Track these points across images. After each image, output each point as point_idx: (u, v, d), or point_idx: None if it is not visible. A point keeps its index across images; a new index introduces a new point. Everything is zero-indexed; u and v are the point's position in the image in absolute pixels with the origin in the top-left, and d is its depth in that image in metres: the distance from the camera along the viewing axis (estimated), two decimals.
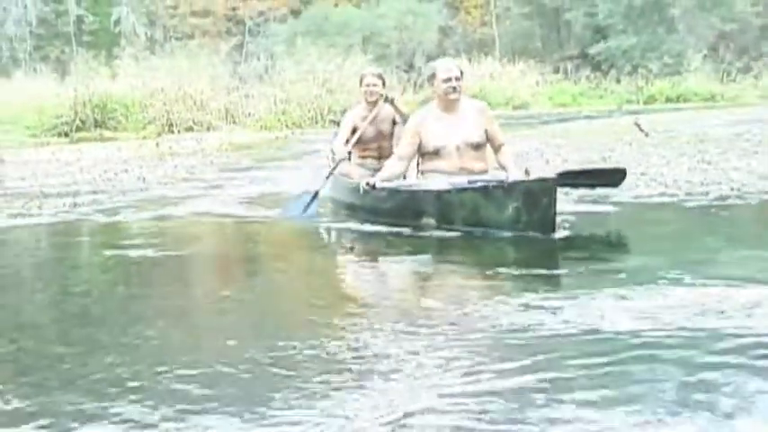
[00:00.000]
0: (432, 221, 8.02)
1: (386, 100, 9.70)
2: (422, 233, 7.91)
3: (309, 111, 27.47)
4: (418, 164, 8.69)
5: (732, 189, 9.85)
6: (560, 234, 7.33)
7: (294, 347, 4.39)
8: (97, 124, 26.70)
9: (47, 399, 3.75)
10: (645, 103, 37.90)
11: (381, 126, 9.81)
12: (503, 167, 8.40)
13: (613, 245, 7.59)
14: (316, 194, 9.51)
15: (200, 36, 50.31)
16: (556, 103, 39.40)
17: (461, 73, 8.51)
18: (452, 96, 8.32)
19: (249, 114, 27.61)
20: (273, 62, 34.54)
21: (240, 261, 7.96)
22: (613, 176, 8.43)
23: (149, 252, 7.99)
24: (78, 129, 26.33)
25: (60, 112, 26.69)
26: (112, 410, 3.56)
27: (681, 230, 8.23)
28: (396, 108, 9.73)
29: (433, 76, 8.45)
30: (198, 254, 8.36)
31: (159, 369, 4.09)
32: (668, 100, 38.89)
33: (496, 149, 8.49)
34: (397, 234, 7.97)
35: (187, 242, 8.80)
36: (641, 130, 19.04)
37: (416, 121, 8.52)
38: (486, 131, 8.40)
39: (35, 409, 3.61)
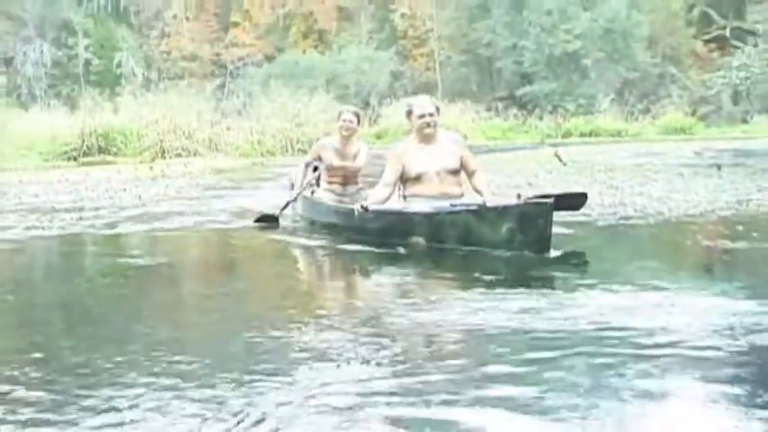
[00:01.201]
0: (421, 240, 7.59)
1: (315, 170, 9.81)
2: (402, 250, 7.55)
3: (281, 141, 27.46)
4: (400, 188, 8.50)
5: (635, 210, 9.90)
6: (554, 253, 6.88)
7: (255, 339, 4.48)
8: (101, 150, 26.51)
9: (53, 386, 3.72)
10: (563, 137, 38.11)
11: (348, 157, 9.76)
12: (477, 191, 8.11)
13: (532, 258, 7.49)
14: (287, 204, 9.82)
15: (189, 77, 50.25)
16: (489, 137, 39.44)
17: (437, 109, 8.23)
18: (427, 131, 8.07)
19: (229, 143, 27.51)
20: (250, 100, 34.59)
21: (220, 267, 7.91)
22: (577, 200, 8.30)
23: (143, 259, 8.01)
24: (85, 154, 26.14)
25: (69, 141, 26.50)
26: (109, 394, 3.55)
27: (594, 245, 8.22)
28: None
29: (410, 113, 8.20)
30: (185, 261, 8.34)
31: (149, 358, 4.10)
32: (582, 135, 39.15)
33: (470, 175, 8.20)
34: (372, 251, 7.67)
35: (176, 251, 8.73)
36: (560, 160, 19.11)
37: (399, 151, 8.27)
38: (460, 159, 8.13)
39: (42, 396, 3.58)
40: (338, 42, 56.55)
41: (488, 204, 7.41)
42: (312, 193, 9.78)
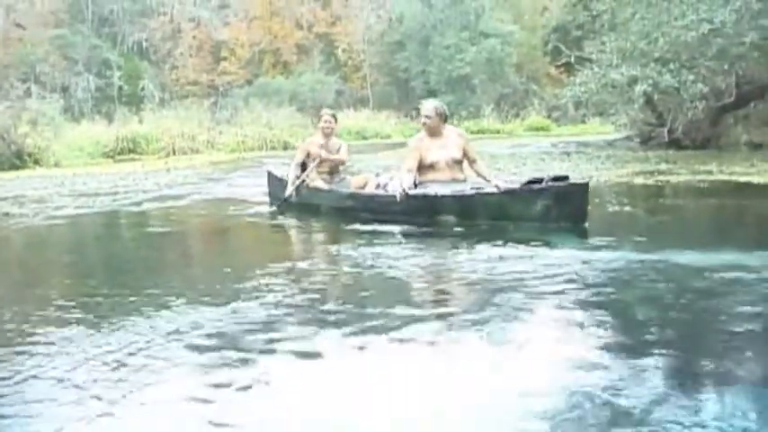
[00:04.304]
0: (451, 218, 6.61)
1: (303, 168, 8.61)
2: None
3: (258, 141, 27.15)
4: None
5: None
6: (587, 224, 6.11)
7: (236, 283, 4.41)
8: (130, 151, 26.25)
9: (95, 322, 3.68)
10: None
11: (332, 151, 8.93)
12: (482, 176, 7.26)
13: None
14: (286, 199, 8.49)
15: (192, 96, 49.51)
16: (407, 136, 38.46)
17: (439, 114, 7.31)
18: (424, 129, 7.30)
19: (221, 143, 27.29)
20: (236, 112, 34.25)
21: (218, 234, 7.84)
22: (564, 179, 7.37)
23: (161, 228, 7.96)
24: (118, 153, 25.79)
25: (108, 144, 26.16)
26: (137, 326, 3.54)
27: None
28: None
29: (418, 112, 7.54)
30: (191, 229, 8.25)
31: (166, 298, 4.05)
32: (472, 132, 38.91)
33: (472, 162, 7.40)
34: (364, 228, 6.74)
35: (184, 221, 8.58)
36: None
37: (416, 143, 7.35)
38: (463, 150, 7.32)
39: (88, 331, 3.54)
40: (298, 70, 56.13)
41: (523, 187, 6.51)
42: (305, 183, 8.59)
